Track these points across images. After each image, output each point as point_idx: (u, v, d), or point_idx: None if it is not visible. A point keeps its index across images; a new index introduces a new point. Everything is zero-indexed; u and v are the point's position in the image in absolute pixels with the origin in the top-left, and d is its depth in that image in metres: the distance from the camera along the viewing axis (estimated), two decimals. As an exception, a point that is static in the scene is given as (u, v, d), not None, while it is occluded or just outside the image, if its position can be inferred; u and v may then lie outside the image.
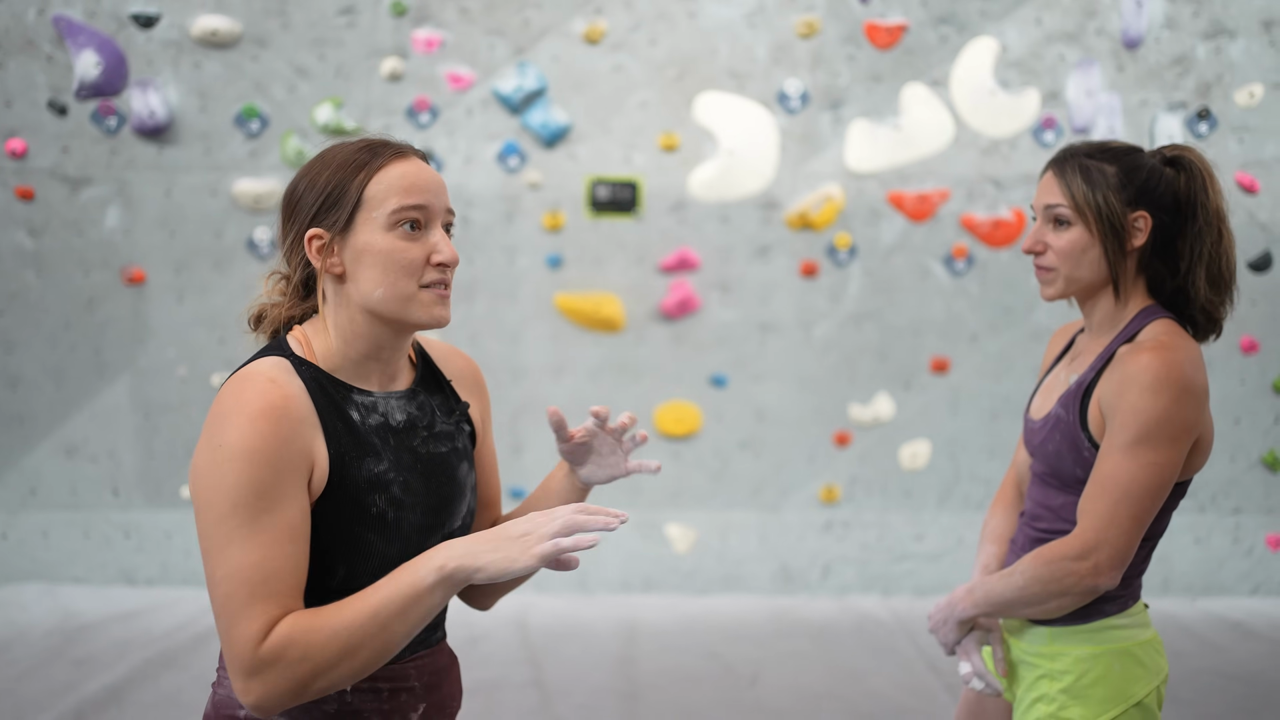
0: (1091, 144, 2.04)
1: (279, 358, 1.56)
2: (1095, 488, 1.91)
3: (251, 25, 4.64)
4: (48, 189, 4.70)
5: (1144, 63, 4.83)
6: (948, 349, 4.99)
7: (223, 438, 1.45)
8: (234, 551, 1.43)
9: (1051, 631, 2.01)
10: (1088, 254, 1.98)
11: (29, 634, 4.46)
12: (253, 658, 1.41)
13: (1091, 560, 1.89)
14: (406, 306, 1.57)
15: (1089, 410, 1.97)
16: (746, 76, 4.80)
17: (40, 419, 4.87)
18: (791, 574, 5.06)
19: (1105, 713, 1.97)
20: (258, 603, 1.42)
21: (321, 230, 1.57)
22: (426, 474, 1.63)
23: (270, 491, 1.44)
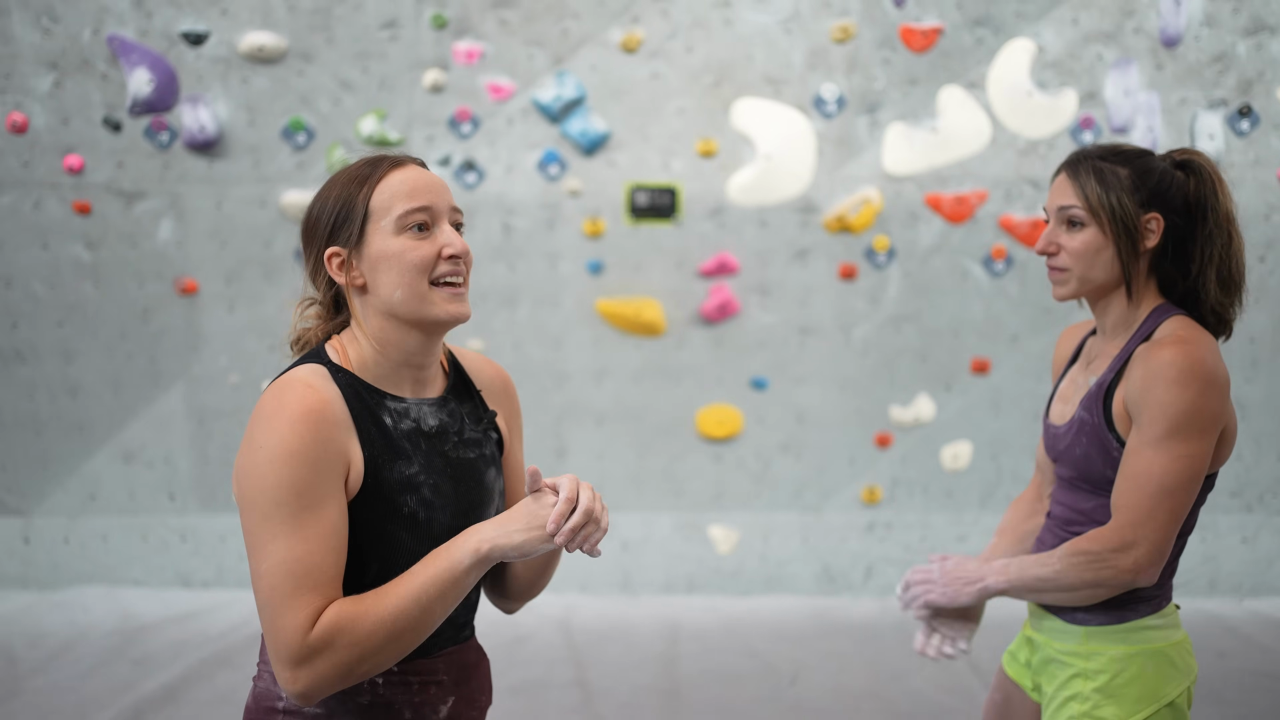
0: (1104, 146, 2.07)
1: (317, 365, 1.64)
2: (1129, 483, 1.94)
3: (297, 41, 4.76)
4: (104, 203, 4.85)
5: (1183, 61, 4.81)
6: (988, 350, 5.00)
7: (264, 440, 1.53)
8: (277, 547, 1.51)
9: (1086, 631, 2.03)
10: (1101, 255, 2.01)
11: (90, 634, 4.60)
12: (301, 646, 1.49)
13: (1132, 556, 1.92)
14: (423, 304, 1.64)
15: (1113, 409, 1.99)
16: (783, 82, 4.85)
17: (99, 426, 5.02)
18: (834, 575, 5.09)
19: (1138, 712, 2.00)
20: (303, 594, 1.50)
21: (338, 247, 1.65)
22: (456, 478, 1.70)
23: (310, 490, 1.52)
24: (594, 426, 5.06)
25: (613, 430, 5.06)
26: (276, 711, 1.65)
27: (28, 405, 4.97)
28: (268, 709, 1.66)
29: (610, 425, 5.05)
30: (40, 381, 4.96)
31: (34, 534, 5.07)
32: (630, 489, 5.09)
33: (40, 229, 4.85)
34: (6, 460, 5.02)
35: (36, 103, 4.75)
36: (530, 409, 5.03)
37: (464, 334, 4.94)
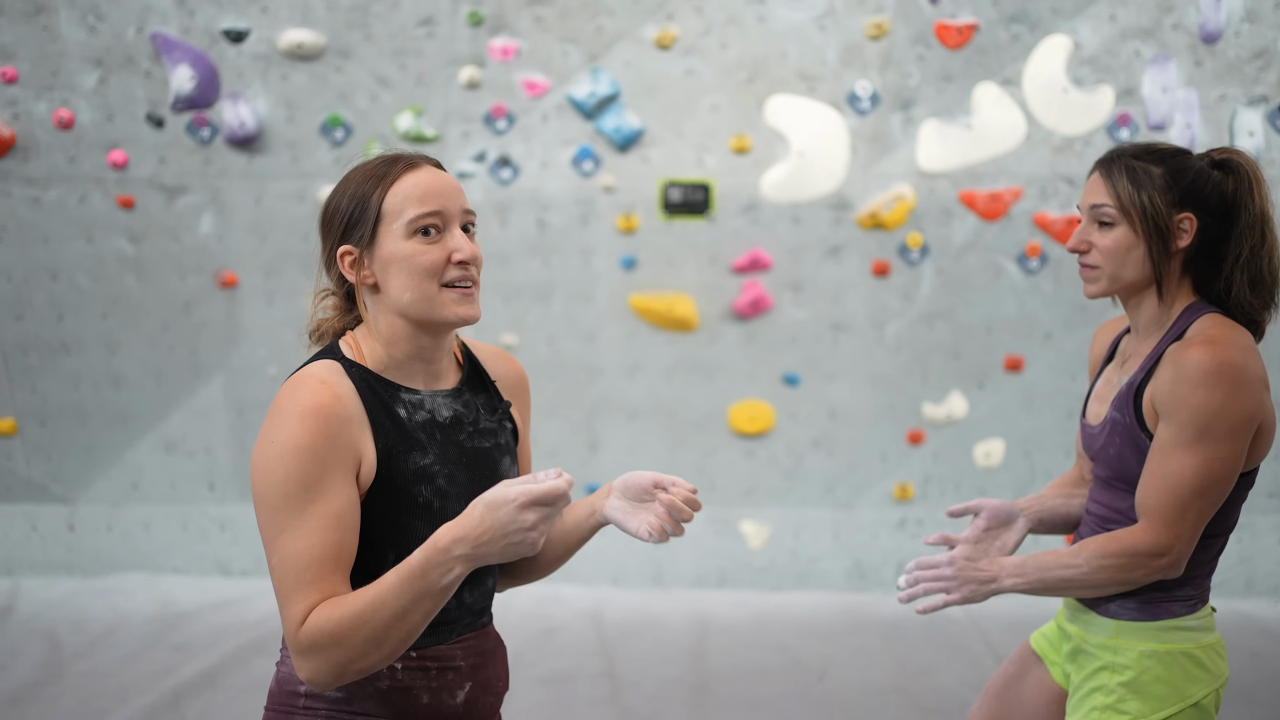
0: (1139, 145, 2.07)
1: (331, 361, 1.69)
2: (1159, 484, 1.94)
3: (335, 38, 4.82)
4: (147, 198, 4.94)
5: (1223, 57, 4.77)
6: (1022, 347, 4.98)
7: (275, 435, 1.58)
8: (284, 541, 1.57)
9: (1118, 625, 2.04)
10: (1132, 254, 2.01)
11: (131, 620, 4.69)
12: (295, 640, 1.55)
13: (1167, 558, 1.94)
14: (432, 307, 1.67)
15: (1143, 409, 2.00)
16: (817, 79, 4.85)
17: (141, 417, 5.12)
18: (865, 571, 5.10)
19: (1161, 710, 2.00)
20: (301, 588, 1.55)
21: (350, 246, 1.69)
22: (470, 467, 1.74)
23: (316, 485, 1.57)
24: (626, 421, 5.10)
25: (645, 425, 5.09)
26: (299, 695, 1.70)
27: (73, 395, 5.08)
28: (290, 693, 1.71)
29: (642, 420, 5.09)
30: (85, 372, 5.07)
31: (78, 521, 5.18)
32: (662, 483, 5.11)
33: (85, 223, 4.95)
34: (52, 449, 5.13)
35: (82, 99, 4.85)
36: (563, 403, 5.07)
37: (498, 329, 4.99)
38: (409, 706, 1.69)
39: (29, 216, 4.94)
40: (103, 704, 3.90)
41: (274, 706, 1.74)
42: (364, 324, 1.74)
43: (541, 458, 5.02)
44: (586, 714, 3.86)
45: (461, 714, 1.73)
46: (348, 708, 1.68)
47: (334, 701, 1.68)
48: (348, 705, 1.68)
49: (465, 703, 1.73)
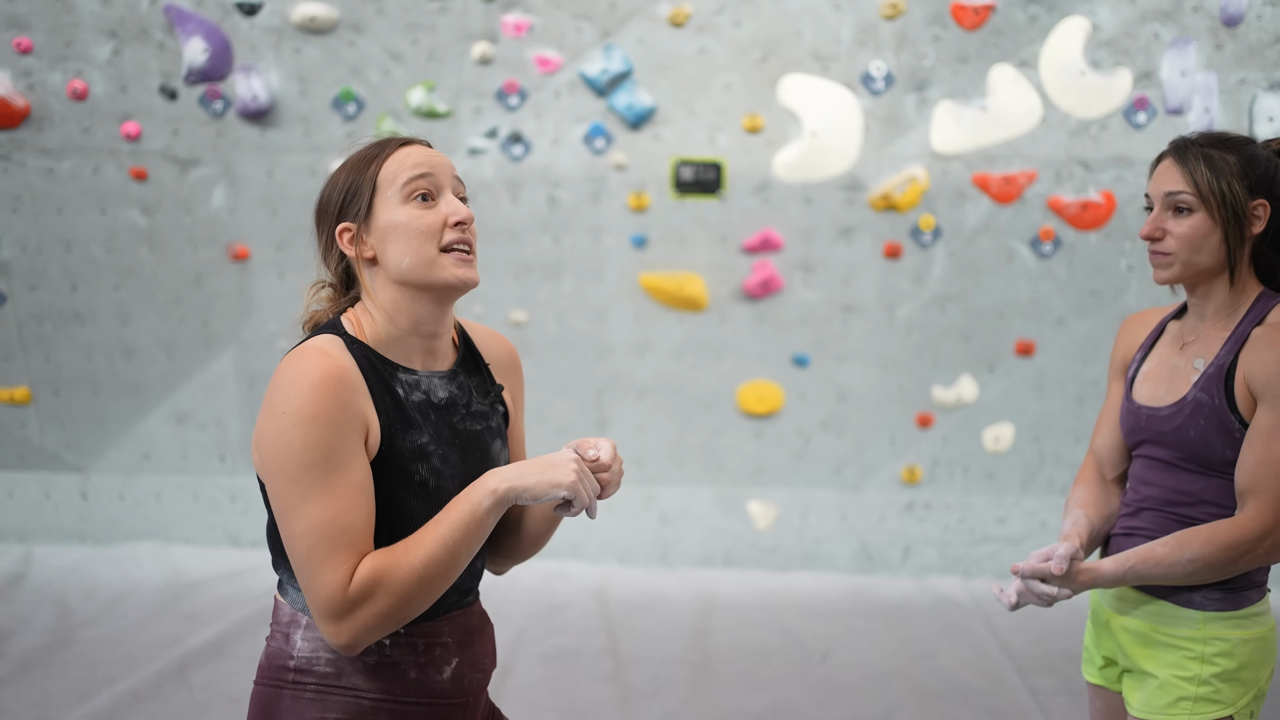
0: (1208, 134, 2.10)
1: (333, 335, 1.70)
2: (1265, 468, 1.96)
3: (348, 12, 4.81)
4: (159, 170, 4.96)
5: (1243, 40, 4.71)
6: (1033, 332, 4.95)
7: (286, 406, 1.58)
8: (310, 509, 1.57)
9: (1205, 616, 2.06)
10: (1209, 240, 2.04)
11: (141, 589, 4.74)
12: (342, 601, 1.56)
13: (1271, 540, 1.97)
14: (431, 269, 1.69)
15: (1235, 391, 2.01)
16: (830, 58, 4.82)
17: (153, 388, 5.15)
18: (872, 553, 5.10)
19: (1246, 694, 2.05)
20: (339, 552, 1.57)
21: (348, 223, 1.70)
22: (463, 448, 1.75)
23: (336, 452, 1.58)
24: (635, 400, 5.10)
25: (654, 404, 5.09)
26: (288, 669, 1.71)
27: (86, 365, 5.12)
28: (280, 667, 1.72)
29: (651, 399, 5.09)
30: (98, 343, 5.10)
31: (91, 490, 5.22)
32: (670, 463, 5.13)
33: (99, 194, 4.97)
34: (66, 419, 5.17)
35: (96, 70, 4.86)
36: (572, 381, 5.08)
37: (508, 306, 5.00)
38: (397, 681, 1.70)
39: (43, 187, 4.96)
40: (110, 671, 3.95)
41: (263, 681, 1.75)
42: (363, 302, 1.75)
43: (552, 435, 5.03)
44: (587, 691, 3.88)
45: (448, 690, 1.75)
46: (336, 682, 1.70)
47: (323, 676, 1.70)
48: (336, 680, 1.70)
49: (452, 678, 1.75)
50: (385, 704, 1.70)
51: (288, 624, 1.73)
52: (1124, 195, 4.81)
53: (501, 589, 4.70)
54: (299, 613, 1.71)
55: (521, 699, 3.80)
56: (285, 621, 1.73)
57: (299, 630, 1.71)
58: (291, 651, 1.71)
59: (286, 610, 1.74)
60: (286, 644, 1.72)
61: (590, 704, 3.79)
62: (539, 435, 5.01)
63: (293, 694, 1.70)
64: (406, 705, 1.71)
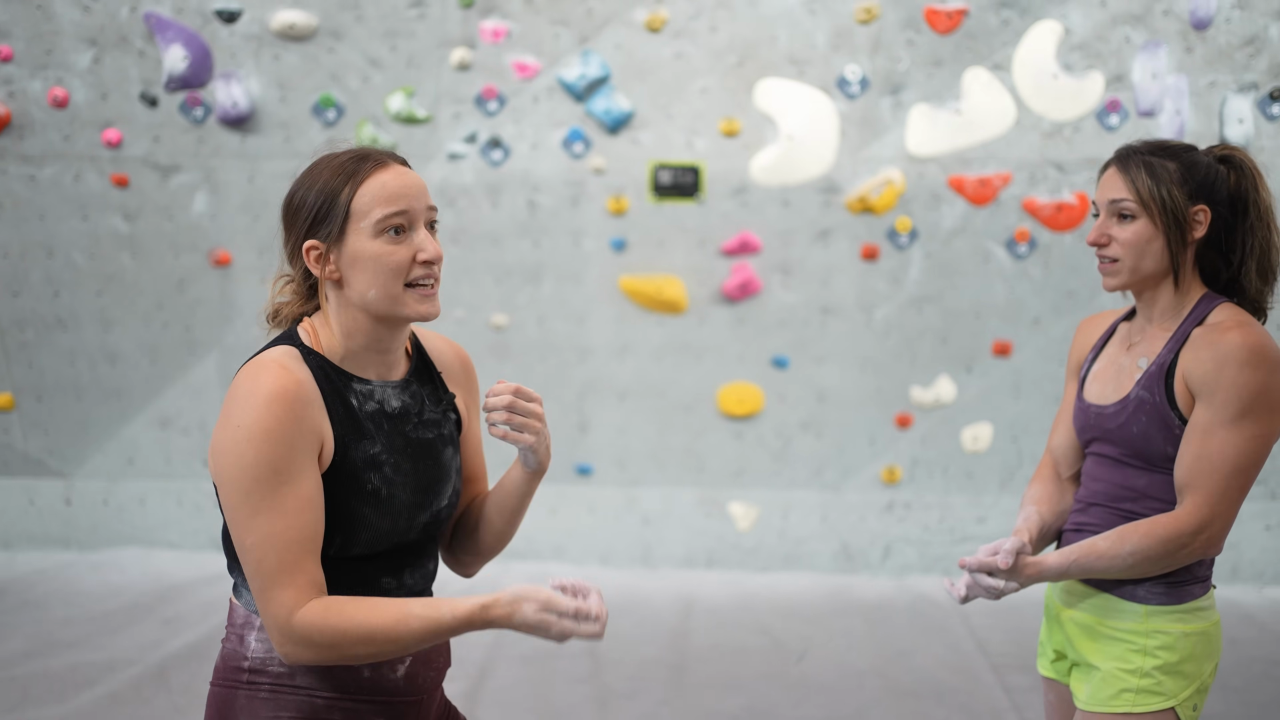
0: (1150, 142, 2.15)
1: (290, 347, 1.72)
2: (1203, 464, 2.01)
3: (327, 19, 4.85)
4: (141, 176, 4.98)
5: (1213, 44, 4.75)
6: (1010, 332, 4.99)
7: (241, 419, 1.61)
8: (259, 523, 1.61)
9: (1148, 610, 2.09)
10: (1152, 245, 2.09)
11: (125, 594, 4.76)
12: (286, 626, 1.60)
13: (1206, 534, 2.01)
14: (395, 305, 1.72)
15: (1175, 389, 2.06)
16: (806, 62, 4.86)
17: (137, 393, 5.18)
18: (852, 553, 5.13)
19: (1188, 688, 2.09)
20: (286, 571, 1.61)
21: (316, 241, 1.72)
22: (415, 457, 1.78)
23: (287, 467, 1.61)
24: (616, 402, 5.13)
25: (634, 406, 5.13)
26: (243, 670, 1.74)
27: (69, 371, 5.14)
28: (234, 668, 1.75)
29: (632, 401, 5.12)
30: (80, 349, 5.12)
31: (75, 496, 5.25)
32: (651, 464, 5.16)
33: (80, 201, 5.00)
34: (49, 424, 5.20)
35: (76, 78, 4.89)
36: (553, 384, 5.11)
37: (489, 309, 5.03)
38: (350, 680, 1.73)
39: (24, 194, 4.99)
40: (90, 674, 3.97)
41: (219, 682, 1.78)
42: (323, 314, 1.77)
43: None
44: (565, 692, 3.91)
45: (402, 688, 1.78)
46: (290, 682, 1.73)
47: (276, 676, 1.73)
48: (290, 680, 1.73)
49: (405, 677, 1.78)
50: (339, 702, 1.73)
51: (241, 625, 1.75)
52: (1098, 197, 4.85)
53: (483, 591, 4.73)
54: (253, 614, 1.74)
55: (500, 700, 3.83)
56: (239, 623, 1.76)
57: (253, 632, 1.74)
58: (246, 652, 1.74)
59: (240, 612, 1.76)
60: (241, 645, 1.75)
61: (568, 705, 3.82)
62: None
63: (247, 694, 1.73)
64: (360, 703, 1.74)
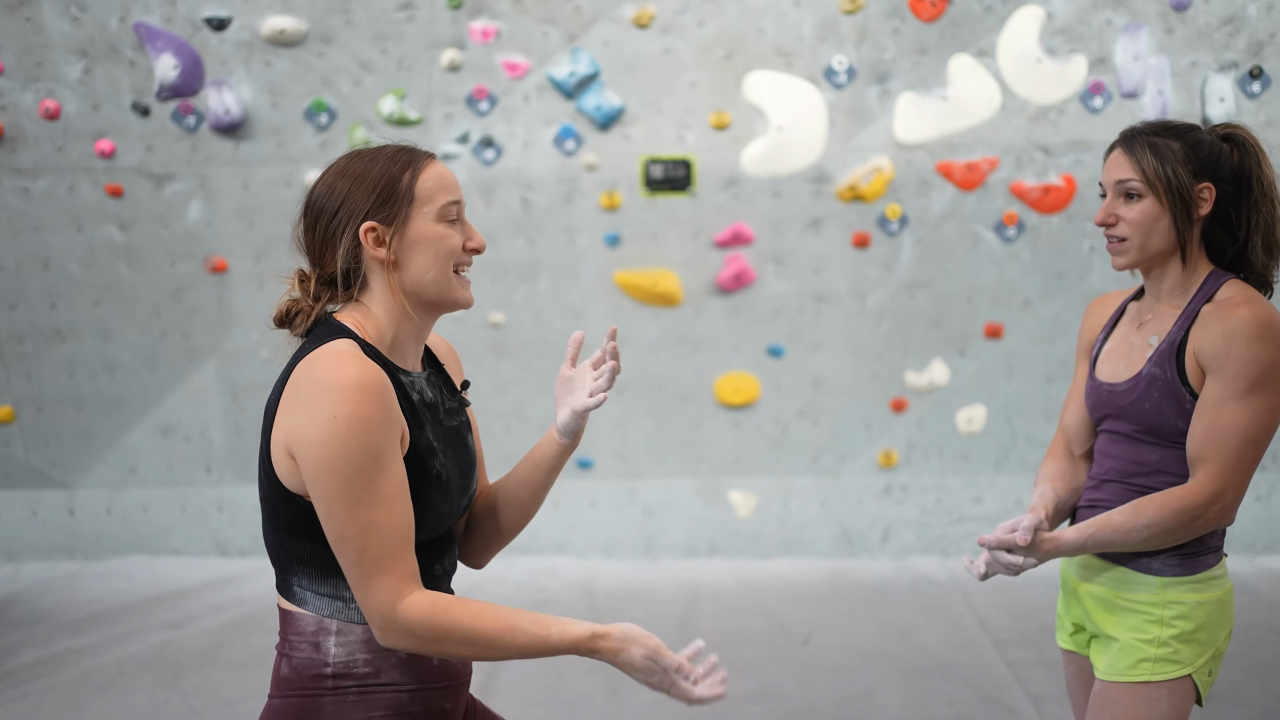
0: (1153, 123, 2.21)
1: (348, 340, 1.72)
2: (1215, 436, 2.06)
3: (317, 24, 4.88)
4: (135, 185, 5.01)
5: (1193, 24, 4.83)
6: (1001, 315, 5.06)
7: (337, 410, 1.62)
8: (361, 512, 1.63)
9: (1163, 582, 2.15)
10: (1158, 224, 2.14)
11: (131, 601, 4.79)
12: (390, 615, 1.64)
13: (1219, 505, 2.06)
14: (448, 287, 1.78)
15: (1186, 364, 2.12)
16: (793, 54, 4.91)
17: (136, 401, 5.20)
18: (851, 537, 5.20)
19: (1203, 655, 2.14)
20: (386, 559, 1.64)
21: (375, 223, 1.74)
22: (453, 444, 1.84)
23: (383, 455, 1.64)
24: (614, 395, 5.18)
25: (633, 399, 5.18)
26: (325, 677, 1.74)
27: (68, 382, 5.16)
28: (315, 676, 1.74)
29: (630, 394, 5.17)
30: (79, 359, 5.15)
31: (78, 506, 5.27)
32: (651, 456, 5.21)
33: (75, 212, 5.02)
34: (50, 436, 5.21)
35: (68, 89, 4.90)
36: (551, 379, 5.15)
37: (486, 308, 5.07)
38: (424, 670, 1.78)
39: (19, 207, 5.00)
40: (103, 680, 4.00)
41: (294, 693, 1.75)
42: (364, 305, 1.78)
43: (534, 434, 5.11)
44: (578, 682, 3.96)
45: (459, 670, 1.84)
46: (377, 680, 1.74)
47: (363, 678, 1.74)
48: (376, 678, 1.74)
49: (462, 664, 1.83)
50: (419, 693, 1.77)
51: (314, 633, 1.74)
52: (1084, 178, 4.93)
53: (490, 585, 4.78)
54: (326, 619, 1.74)
55: (513, 692, 3.87)
56: (310, 631, 1.74)
57: (330, 637, 1.73)
58: (326, 659, 1.73)
59: (309, 620, 1.75)
60: (317, 652, 1.74)
61: (580, 695, 3.87)
62: (521, 434, 5.09)
63: (335, 699, 1.73)
64: (433, 691, 1.79)
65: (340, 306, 1.81)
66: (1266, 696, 3.68)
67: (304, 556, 1.73)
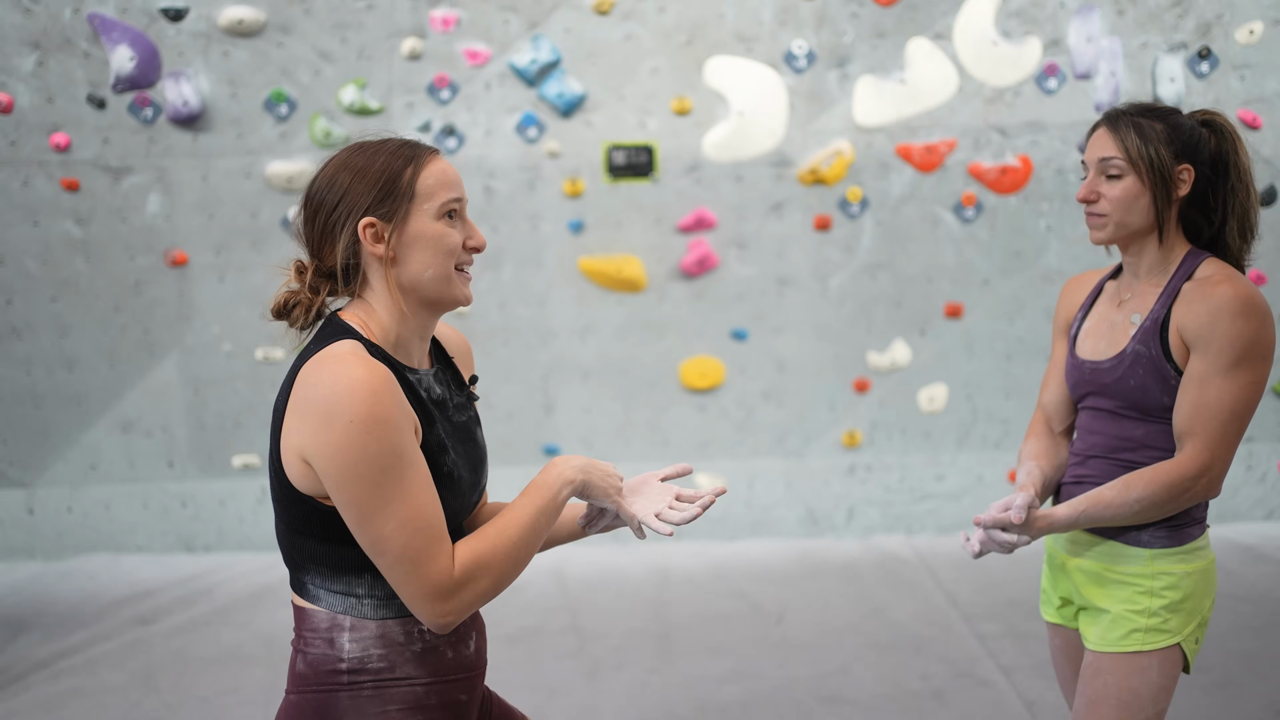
0: (1138, 104, 2.26)
1: (352, 340, 1.72)
2: (1202, 411, 2.12)
3: (275, 13, 4.83)
4: (92, 179, 4.94)
5: (1144, 6, 4.92)
6: (961, 294, 5.14)
7: (352, 413, 1.61)
8: (397, 509, 1.63)
9: (1152, 554, 2.20)
10: (1139, 202, 2.20)
11: (98, 600, 4.73)
12: (450, 584, 1.66)
13: (1207, 478, 2.12)
14: (448, 285, 1.78)
15: (1170, 341, 2.17)
16: (754, 39, 4.94)
17: (96, 398, 5.14)
18: (817, 517, 5.26)
19: (1190, 623, 2.21)
20: (434, 542, 1.65)
21: (374, 219, 1.74)
22: (463, 440, 1.84)
23: (405, 450, 1.65)
24: (580, 382, 5.20)
25: (598, 385, 5.20)
26: (341, 673, 1.75)
27: (25, 380, 5.09)
28: (330, 672, 1.75)
29: (596, 380, 5.19)
30: (37, 356, 5.07)
31: (37, 505, 5.20)
32: (617, 441, 5.24)
33: (30, 206, 4.94)
34: (8, 434, 5.14)
35: (21, 82, 4.82)
36: (517, 366, 5.16)
37: (450, 296, 5.06)
38: (438, 663, 1.79)
39: (-28, 202, 4.92)
40: (75, 682, 3.96)
41: (310, 689, 1.76)
42: (366, 302, 1.78)
43: (499, 421, 5.11)
44: (555, 667, 3.98)
45: (474, 662, 1.85)
46: (392, 675, 1.75)
47: (378, 672, 1.75)
48: (391, 673, 1.75)
49: (475, 650, 1.85)
50: (434, 686, 1.78)
51: (329, 629, 1.75)
52: (1039, 159, 5.01)
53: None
54: (340, 615, 1.75)
55: (491, 680, 3.88)
56: (324, 628, 1.75)
57: (344, 633, 1.74)
58: (341, 655, 1.74)
59: (324, 616, 1.76)
60: (332, 648, 1.75)
61: (559, 680, 3.89)
62: (487, 423, 5.09)
63: (350, 695, 1.74)
64: (449, 684, 1.80)
65: (343, 303, 1.81)
66: (1228, 662, 3.79)
67: (316, 555, 1.74)
